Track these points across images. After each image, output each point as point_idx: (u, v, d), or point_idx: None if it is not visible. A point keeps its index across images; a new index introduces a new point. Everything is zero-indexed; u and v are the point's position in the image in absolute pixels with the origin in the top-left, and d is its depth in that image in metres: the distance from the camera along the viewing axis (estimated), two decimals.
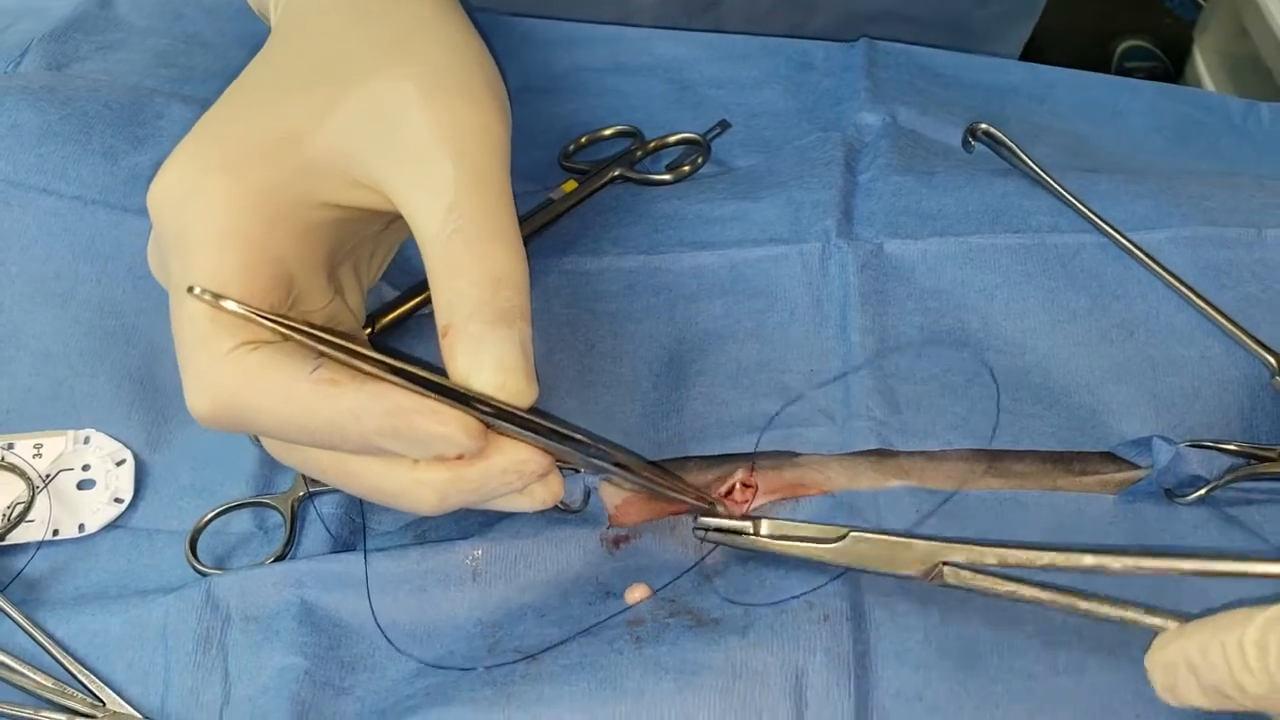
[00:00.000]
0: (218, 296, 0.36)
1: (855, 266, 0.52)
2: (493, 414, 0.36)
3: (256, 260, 0.37)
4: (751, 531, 0.45)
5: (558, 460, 0.39)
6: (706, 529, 0.45)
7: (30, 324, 0.53)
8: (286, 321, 0.37)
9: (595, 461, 0.40)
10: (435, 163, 0.38)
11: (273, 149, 0.39)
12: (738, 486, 0.49)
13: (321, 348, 0.37)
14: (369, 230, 0.44)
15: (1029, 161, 0.56)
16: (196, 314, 0.37)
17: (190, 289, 0.36)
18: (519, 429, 0.37)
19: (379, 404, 0.35)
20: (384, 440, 0.35)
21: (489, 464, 0.37)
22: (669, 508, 0.48)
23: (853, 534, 0.43)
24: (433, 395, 0.35)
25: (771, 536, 0.44)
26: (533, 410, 0.37)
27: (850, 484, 0.48)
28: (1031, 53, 0.82)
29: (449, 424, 0.35)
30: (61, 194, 0.54)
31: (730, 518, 0.46)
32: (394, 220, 0.43)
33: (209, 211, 0.37)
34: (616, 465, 0.41)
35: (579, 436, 0.39)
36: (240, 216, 0.38)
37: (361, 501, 0.50)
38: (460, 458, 0.36)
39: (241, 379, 0.36)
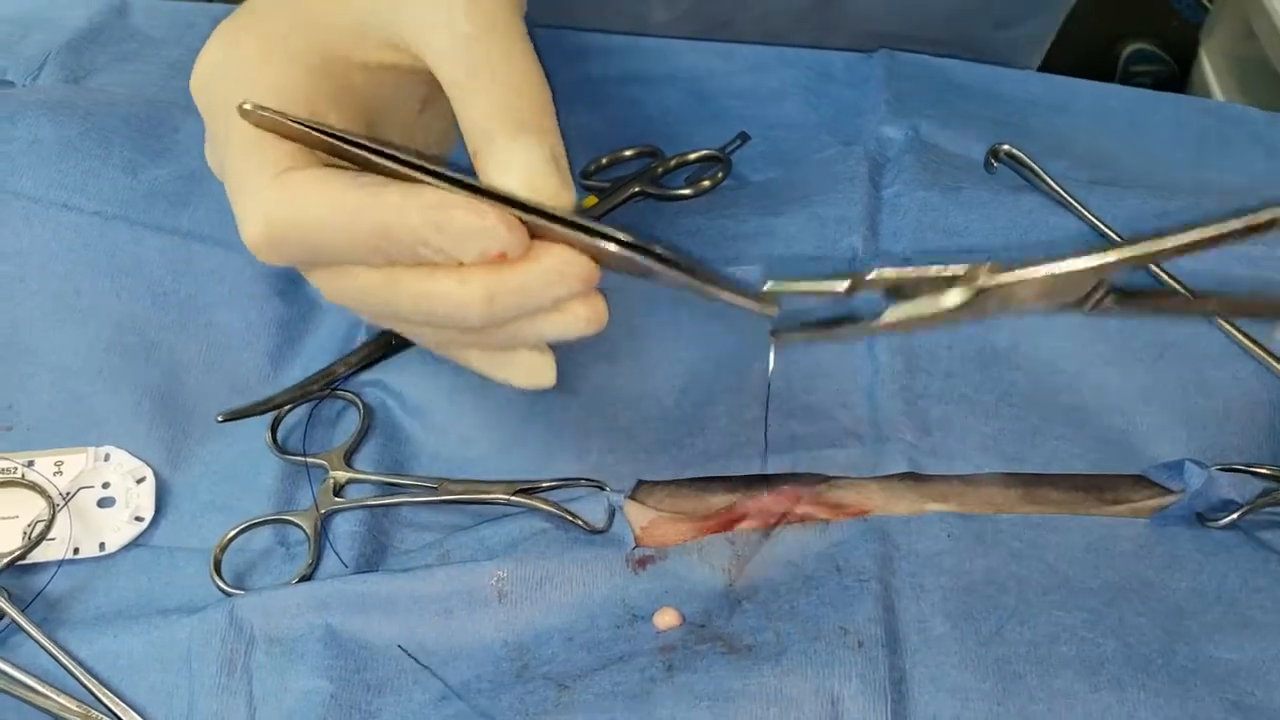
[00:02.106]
0: (265, 109, 0.38)
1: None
2: (528, 212, 0.37)
3: (291, 105, 0.39)
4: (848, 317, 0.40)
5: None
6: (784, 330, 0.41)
7: (50, 340, 0.53)
8: (329, 129, 0.38)
9: (638, 259, 0.38)
10: (452, 8, 0.40)
11: (302, 16, 0.41)
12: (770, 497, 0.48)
13: (366, 154, 0.38)
14: (405, 104, 0.45)
15: (1053, 184, 0.55)
16: (244, 147, 0.39)
17: (241, 105, 0.38)
18: (555, 225, 0.37)
19: (421, 198, 0.36)
20: (429, 234, 0.36)
21: (532, 265, 0.37)
22: (697, 528, 0.48)
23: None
24: (472, 194, 0.37)
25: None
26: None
27: (887, 506, 0.48)
28: None
29: (488, 217, 0.36)
30: (82, 209, 0.54)
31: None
32: (429, 96, 0.45)
33: (246, 68, 0.40)
34: (658, 260, 0.38)
35: (616, 234, 0.38)
36: (274, 67, 0.40)
37: (384, 519, 0.50)
38: (503, 258, 0.37)
39: (291, 196, 0.38)
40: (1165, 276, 0.52)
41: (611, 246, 0.37)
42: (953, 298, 0.37)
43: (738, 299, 0.39)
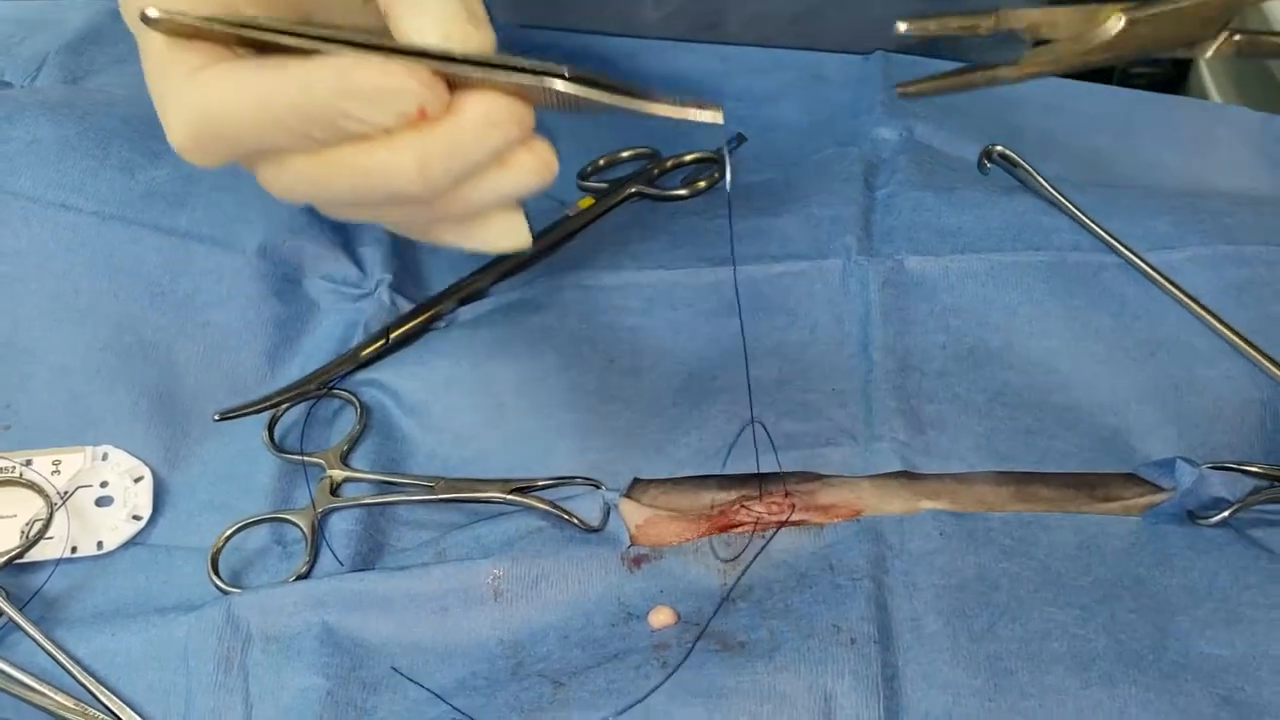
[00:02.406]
0: (166, 12, 0.37)
1: (876, 283, 0.52)
2: (441, 60, 0.35)
3: (204, 3, 0.38)
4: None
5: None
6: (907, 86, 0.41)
7: (48, 340, 0.53)
8: (232, 19, 0.38)
9: (581, 93, 0.35)
10: None
11: None
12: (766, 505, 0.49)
13: (274, 36, 0.37)
14: None
15: (1045, 184, 0.56)
16: (157, 56, 0.38)
17: (143, 15, 0.37)
18: (476, 70, 0.35)
19: (325, 69, 0.35)
20: (340, 103, 0.35)
21: (457, 118, 0.35)
22: (692, 529, 0.48)
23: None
24: (387, 55, 0.35)
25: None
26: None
27: (881, 505, 0.48)
28: None
29: (396, 74, 0.34)
30: (80, 209, 0.54)
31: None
32: None
33: None
34: (602, 88, 0.36)
35: (558, 68, 0.35)
36: None
37: (381, 517, 0.50)
38: (424, 115, 0.35)
39: (204, 92, 0.37)
40: (1157, 276, 0.52)
41: (558, 84, 0.34)
42: (1110, 27, 0.38)
43: (685, 112, 0.37)
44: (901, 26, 0.39)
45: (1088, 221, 0.54)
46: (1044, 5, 0.42)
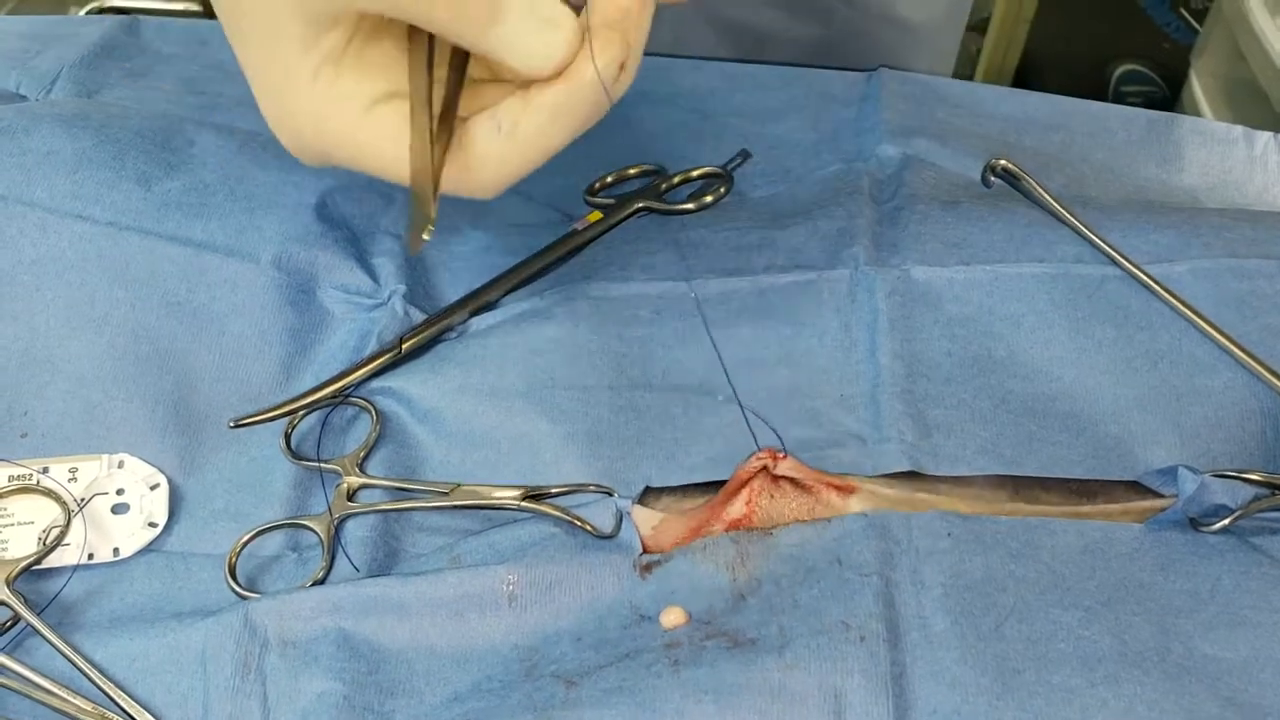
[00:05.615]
0: None
1: (883, 293, 0.53)
2: None
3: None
4: None
5: None
6: None
7: (65, 349, 0.53)
8: None
9: None
10: None
11: None
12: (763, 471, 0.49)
13: None
14: None
15: (1048, 197, 0.57)
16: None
17: None
18: None
19: None
20: None
21: None
22: (702, 526, 0.49)
23: None
24: None
25: None
26: None
27: (876, 489, 0.49)
28: (1028, 77, 0.82)
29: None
30: (96, 220, 0.55)
31: None
32: None
33: None
34: None
35: None
36: None
37: (396, 523, 0.51)
38: None
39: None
40: (1158, 288, 0.53)
41: None
42: None
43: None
44: None
45: (1090, 234, 0.55)
46: None
